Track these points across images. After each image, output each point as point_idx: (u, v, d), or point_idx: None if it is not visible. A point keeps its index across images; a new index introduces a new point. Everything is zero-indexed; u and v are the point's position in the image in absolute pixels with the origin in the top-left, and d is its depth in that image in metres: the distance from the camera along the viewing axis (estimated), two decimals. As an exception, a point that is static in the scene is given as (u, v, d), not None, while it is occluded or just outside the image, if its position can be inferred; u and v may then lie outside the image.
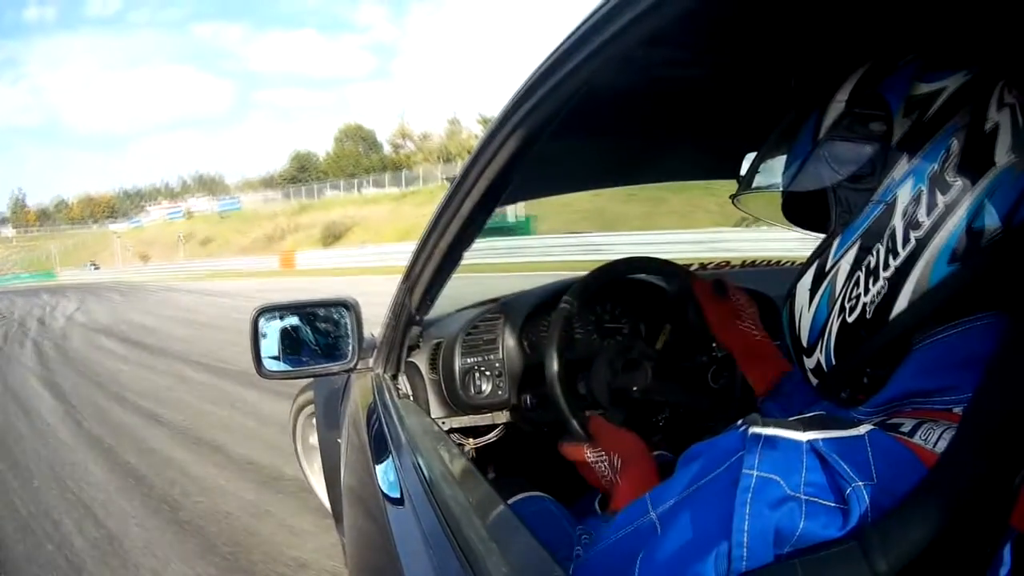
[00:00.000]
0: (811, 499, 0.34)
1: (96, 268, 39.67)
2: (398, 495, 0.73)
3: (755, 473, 0.36)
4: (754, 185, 0.56)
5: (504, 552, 0.48)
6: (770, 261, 1.68)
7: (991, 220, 0.39)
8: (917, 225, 0.41)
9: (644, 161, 1.22)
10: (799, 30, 0.57)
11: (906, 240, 0.41)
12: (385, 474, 0.82)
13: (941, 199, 0.40)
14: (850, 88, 0.46)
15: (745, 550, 0.35)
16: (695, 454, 0.42)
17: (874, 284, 0.43)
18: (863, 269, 0.44)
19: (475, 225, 0.80)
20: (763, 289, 1.04)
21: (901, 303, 0.42)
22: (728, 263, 1.71)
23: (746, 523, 0.35)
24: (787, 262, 1.64)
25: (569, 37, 0.52)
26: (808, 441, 0.36)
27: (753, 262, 1.71)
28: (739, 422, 0.40)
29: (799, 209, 0.59)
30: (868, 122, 0.44)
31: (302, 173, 47.85)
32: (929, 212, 0.41)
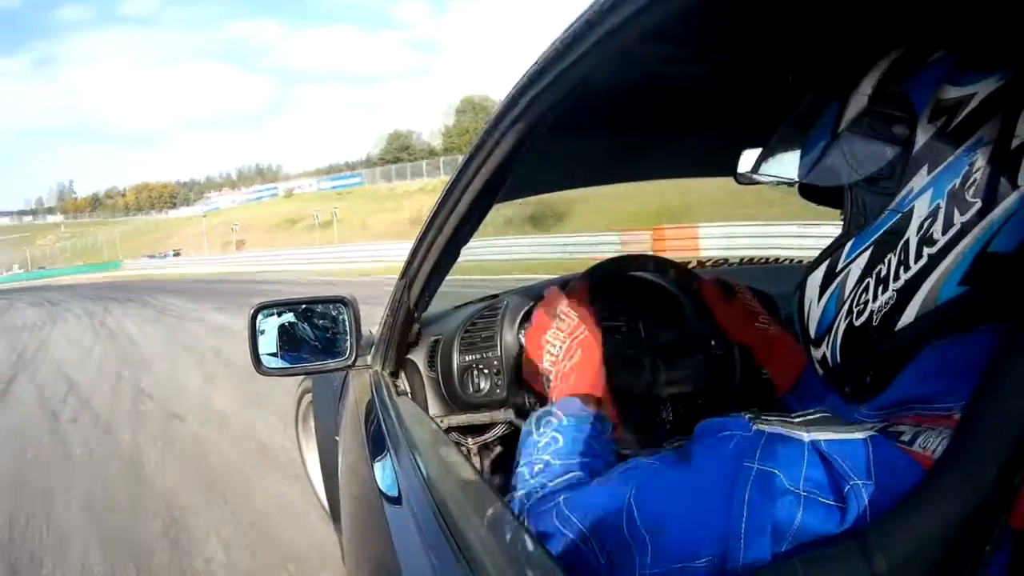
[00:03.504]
0: (810, 495, 0.35)
1: (176, 255, 36.58)
2: (396, 493, 0.73)
3: (755, 466, 0.36)
4: (768, 171, 0.55)
5: (502, 550, 0.48)
6: (768, 259, 1.69)
7: (1007, 246, 0.37)
8: (931, 242, 0.40)
9: (641, 157, 1.22)
10: (799, 24, 0.57)
11: (919, 255, 0.40)
12: (383, 472, 0.81)
13: (958, 218, 0.39)
14: (874, 82, 0.44)
15: (742, 540, 0.35)
16: (704, 431, 0.43)
17: (883, 293, 0.42)
18: (873, 276, 0.43)
19: (473, 221, 0.79)
20: (762, 287, 1.04)
21: (908, 315, 0.41)
22: (727, 261, 1.71)
23: (744, 511, 0.36)
24: (785, 260, 1.64)
25: (566, 35, 0.51)
26: (810, 440, 0.36)
27: (751, 260, 1.71)
28: (745, 415, 0.41)
29: (813, 187, 0.58)
30: (891, 123, 0.43)
31: (403, 152, 46.58)
32: (945, 230, 0.39)
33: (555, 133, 0.64)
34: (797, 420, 0.39)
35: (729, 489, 0.37)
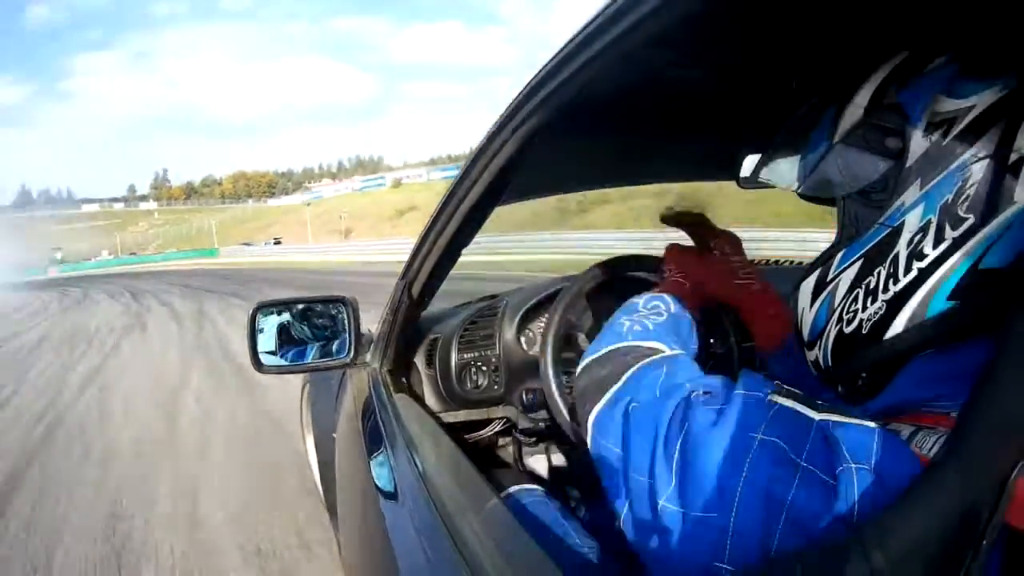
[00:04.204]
0: (808, 468, 0.35)
1: (277, 243, 36.29)
2: (392, 489, 0.73)
3: (760, 436, 0.37)
4: (768, 176, 0.56)
5: (498, 545, 0.48)
6: (768, 261, 1.69)
7: (999, 261, 0.36)
8: (921, 256, 0.39)
9: (644, 161, 1.22)
10: (803, 31, 0.57)
11: (908, 269, 0.40)
12: (380, 468, 0.82)
13: (950, 233, 0.38)
14: (870, 92, 0.44)
15: (735, 506, 0.36)
16: (743, 379, 0.43)
17: (872, 303, 0.42)
18: (863, 287, 0.43)
19: (474, 223, 0.80)
20: None
21: (897, 327, 0.41)
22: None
23: (742, 478, 0.36)
24: (785, 261, 1.65)
25: (572, 38, 0.52)
26: (819, 420, 0.37)
27: (752, 261, 1.71)
28: (773, 383, 0.41)
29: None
30: (884, 135, 0.42)
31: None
32: (935, 245, 0.39)
33: (559, 136, 0.64)
34: (818, 403, 0.39)
35: (731, 455, 0.37)
